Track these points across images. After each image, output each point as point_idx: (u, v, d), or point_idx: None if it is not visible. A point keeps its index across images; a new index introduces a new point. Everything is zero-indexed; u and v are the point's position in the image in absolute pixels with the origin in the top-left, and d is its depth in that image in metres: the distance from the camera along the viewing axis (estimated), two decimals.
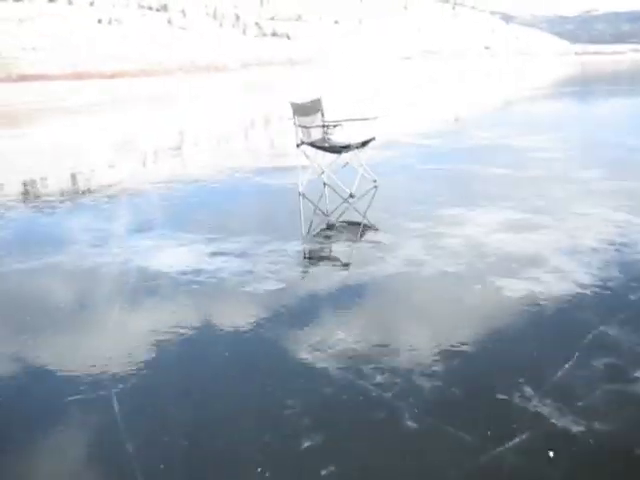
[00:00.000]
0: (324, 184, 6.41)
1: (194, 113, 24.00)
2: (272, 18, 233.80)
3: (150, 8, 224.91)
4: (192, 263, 4.58)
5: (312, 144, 6.51)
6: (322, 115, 6.81)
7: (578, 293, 3.65)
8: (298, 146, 6.45)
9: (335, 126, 6.56)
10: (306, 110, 6.64)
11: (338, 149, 6.38)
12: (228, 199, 7.11)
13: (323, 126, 6.58)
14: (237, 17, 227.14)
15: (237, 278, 4.20)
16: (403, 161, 8.66)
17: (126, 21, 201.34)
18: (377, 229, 5.26)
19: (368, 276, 4.11)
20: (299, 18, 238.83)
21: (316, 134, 6.62)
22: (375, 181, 6.70)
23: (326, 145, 6.55)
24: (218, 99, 33.73)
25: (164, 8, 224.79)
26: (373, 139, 6.45)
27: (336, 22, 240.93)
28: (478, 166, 7.88)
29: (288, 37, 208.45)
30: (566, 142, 9.96)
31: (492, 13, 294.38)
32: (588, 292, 3.66)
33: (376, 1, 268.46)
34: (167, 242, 5.18)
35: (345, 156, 6.56)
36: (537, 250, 4.44)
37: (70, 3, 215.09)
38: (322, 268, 4.48)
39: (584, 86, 31.79)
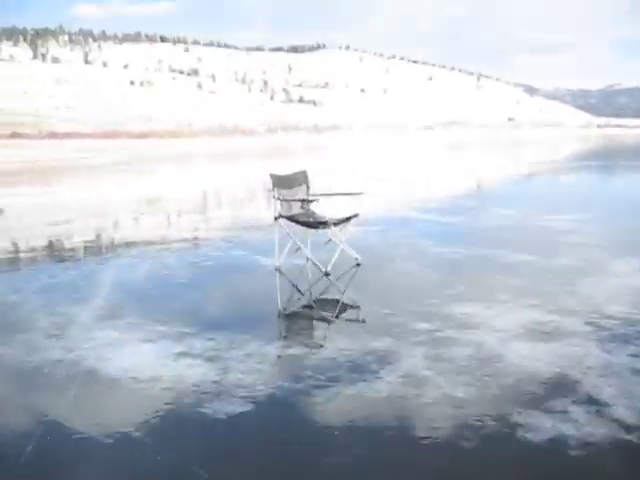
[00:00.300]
0: (307, 259, 6.32)
1: (209, 176, 23.73)
2: (300, 85, 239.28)
3: (181, 72, 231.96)
4: (152, 366, 3.86)
5: (289, 218, 6.24)
6: (307, 188, 6.55)
7: (619, 441, 2.85)
8: (276, 219, 6.22)
9: (311, 201, 6.30)
10: (289, 182, 6.42)
11: (315, 224, 6.16)
12: (215, 276, 6.42)
13: (302, 200, 6.29)
14: (265, 83, 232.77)
15: (197, 393, 3.46)
16: (414, 242, 7.91)
17: (157, 84, 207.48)
18: (375, 330, 4.48)
19: (356, 402, 3.34)
20: (326, 85, 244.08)
21: (298, 207, 6.34)
22: (357, 259, 6.36)
23: (306, 219, 6.22)
24: (236, 163, 33.63)
25: (195, 72, 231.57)
26: (356, 216, 6.19)
27: (362, 90, 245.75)
28: (498, 250, 7.12)
29: (315, 103, 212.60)
30: (596, 223, 9.21)
31: (516, 85, 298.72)
32: (634, 439, 2.86)
33: (402, 71, 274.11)
34: (133, 335, 4.47)
35: (331, 232, 6.30)
36: (566, 368, 3.65)
37: (105, 65, 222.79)
38: (303, 385, 3.66)
39: (608, 160, 31.24)
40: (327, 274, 5.90)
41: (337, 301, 5.45)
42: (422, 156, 39.95)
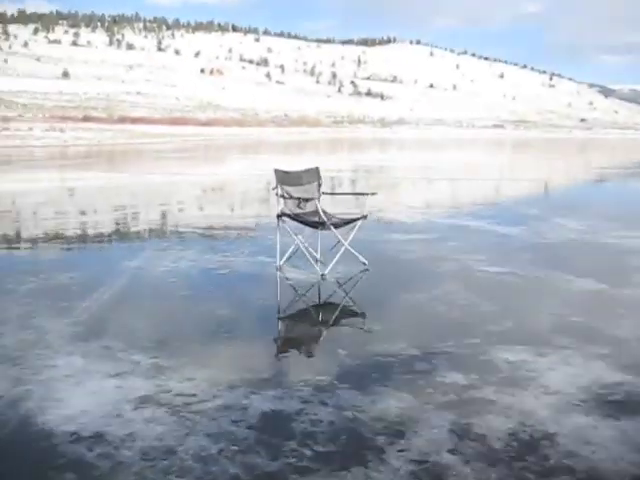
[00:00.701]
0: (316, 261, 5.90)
1: (271, 164, 23.12)
2: (368, 78, 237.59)
3: (251, 61, 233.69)
4: (104, 416, 3.07)
5: (290, 216, 5.96)
6: (319, 185, 6.13)
7: None
8: (279, 217, 5.93)
9: (308, 200, 5.87)
10: (296, 179, 6.11)
11: (314, 224, 5.79)
12: (217, 285, 5.59)
13: (297, 199, 5.92)
14: (334, 75, 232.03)
15: (140, 469, 2.63)
16: (461, 256, 6.86)
17: (227, 72, 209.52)
18: (393, 380, 3.55)
19: None
20: (395, 79, 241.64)
21: (310, 206, 5.97)
22: (365, 264, 5.97)
23: (306, 219, 5.90)
24: (300, 154, 32.92)
25: (264, 62, 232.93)
26: (363, 218, 5.90)
27: (431, 86, 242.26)
28: (559, 274, 6.05)
29: (382, 97, 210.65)
30: None
31: (590, 85, 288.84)
32: None
33: (472, 68, 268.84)
34: (99, 366, 3.69)
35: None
36: None
37: (177, 53, 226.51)
38: (279, 466, 2.79)
39: None
40: (322, 277, 5.61)
41: (350, 327, 4.60)
42: (487, 155, 38.36)
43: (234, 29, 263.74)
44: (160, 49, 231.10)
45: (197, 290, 5.47)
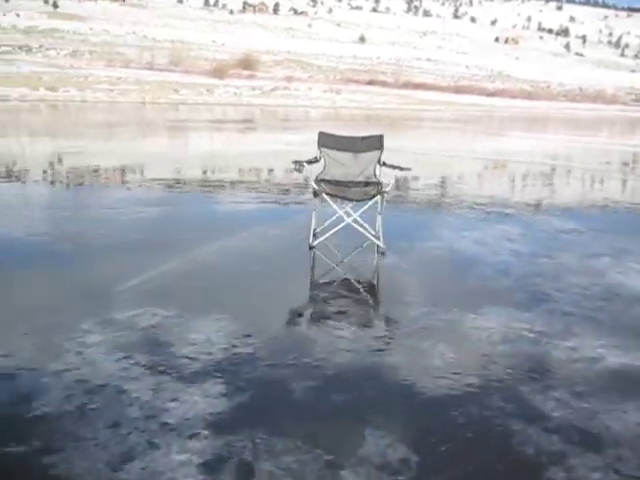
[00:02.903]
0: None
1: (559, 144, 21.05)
2: None
3: (550, 31, 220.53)
4: None
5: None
6: (380, 154, 5.36)
7: None
8: (315, 194, 4.99)
9: (311, 162, 5.15)
10: (343, 144, 5.49)
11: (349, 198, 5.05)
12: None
13: (295, 162, 4.97)
14: None
15: None
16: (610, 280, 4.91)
17: (522, 42, 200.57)
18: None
19: None
20: None
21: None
22: (379, 247, 5.01)
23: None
24: (591, 132, 29.78)
25: (564, 33, 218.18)
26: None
27: None
28: None
29: None
30: None
31: None
32: None
33: None
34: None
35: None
36: None
37: (473, 21, 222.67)
38: None
39: None
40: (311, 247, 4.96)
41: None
42: None
43: None
44: (456, 16, 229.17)
45: None
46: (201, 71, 56.31)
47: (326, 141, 5.44)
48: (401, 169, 4.93)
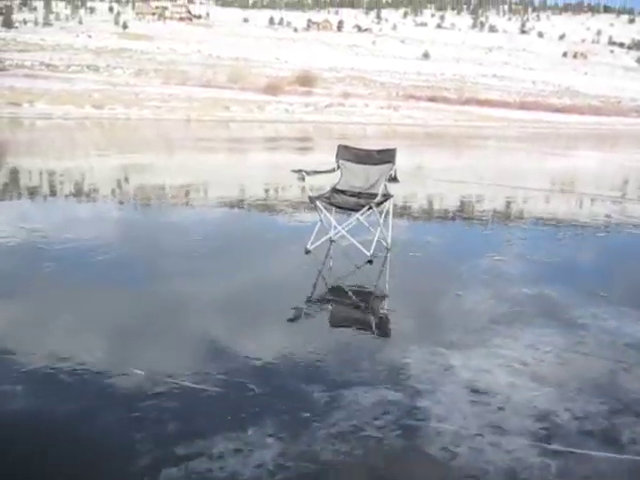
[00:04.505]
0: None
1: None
2: None
3: (621, 45, 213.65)
4: None
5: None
6: (392, 169, 5.62)
7: None
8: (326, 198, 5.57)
9: (318, 172, 5.67)
10: (360, 157, 5.91)
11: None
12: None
13: (297, 171, 5.42)
14: None
15: None
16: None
17: (591, 56, 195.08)
18: None
19: None
20: None
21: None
22: (371, 256, 5.23)
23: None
24: None
25: (637, 46, 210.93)
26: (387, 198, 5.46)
27: None
28: None
29: None
30: None
31: None
32: None
33: None
34: None
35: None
36: None
37: (540, 36, 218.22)
38: None
39: None
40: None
41: None
42: None
43: (606, 10, 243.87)
44: (523, 31, 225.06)
45: None
46: (259, 88, 56.30)
47: (344, 154, 5.89)
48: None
